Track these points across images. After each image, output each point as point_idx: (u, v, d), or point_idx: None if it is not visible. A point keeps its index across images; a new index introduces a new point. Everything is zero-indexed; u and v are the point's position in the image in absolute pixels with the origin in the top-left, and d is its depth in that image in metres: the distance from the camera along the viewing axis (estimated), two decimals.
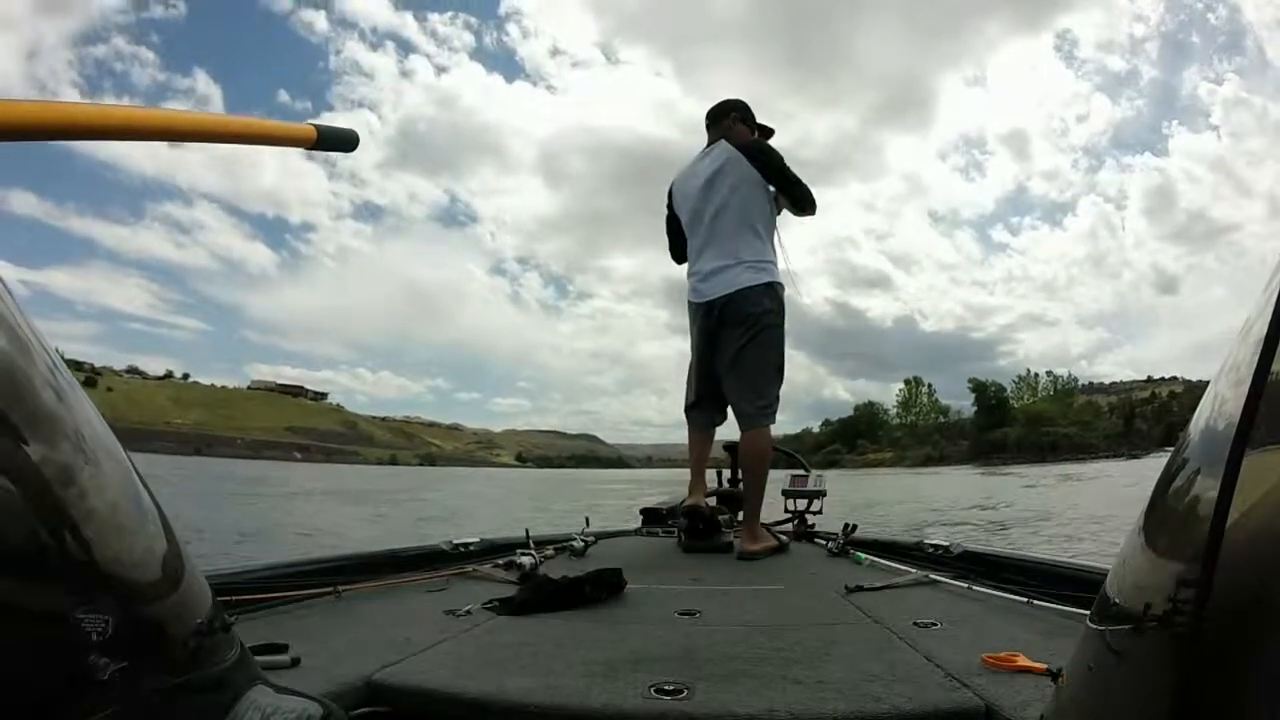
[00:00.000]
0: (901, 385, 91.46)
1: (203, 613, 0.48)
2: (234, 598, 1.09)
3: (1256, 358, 0.33)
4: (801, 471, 3.02)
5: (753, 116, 2.37)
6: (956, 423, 79.41)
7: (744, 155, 2.19)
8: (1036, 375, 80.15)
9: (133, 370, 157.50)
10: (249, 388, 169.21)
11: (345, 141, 0.83)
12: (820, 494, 2.89)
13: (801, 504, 2.88)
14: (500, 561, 1.70)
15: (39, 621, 0.34)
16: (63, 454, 0.37)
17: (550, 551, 2.00)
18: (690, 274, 2.34)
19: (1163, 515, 0.42)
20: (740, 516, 3.02)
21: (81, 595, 0.36)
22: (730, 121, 2.31)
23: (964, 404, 78.29)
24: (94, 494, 0.39)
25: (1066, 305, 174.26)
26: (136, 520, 0.44)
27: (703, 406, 2.36)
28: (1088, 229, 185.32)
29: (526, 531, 2.04)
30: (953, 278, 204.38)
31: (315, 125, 0.75)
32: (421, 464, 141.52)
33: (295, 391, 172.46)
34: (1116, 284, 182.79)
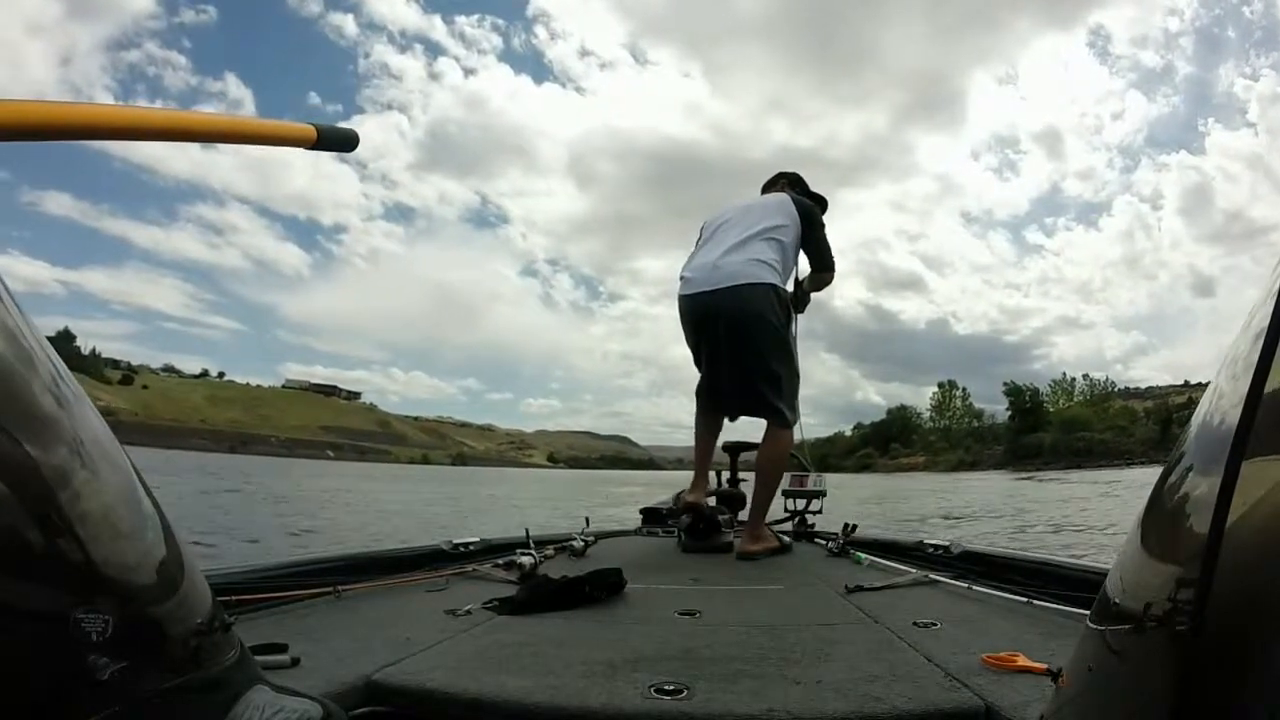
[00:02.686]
0: (935, 389, 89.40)
1: (203, 613, 0.48)
2: (234, 598, 1.09)
3: (1257, 352, 0.32)
4: (802, 471, 3.02)
5: (805, 185, 2.44)
6: (990, 427, 77.87)
7: (795, 204, 2.22)
8: (1073, 379, 78.44)
9: (169, 369, 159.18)
10: (283, 387, 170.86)
11: (345, 141, 0.83)
12: (820, 494, 2.90)
13: (801, 504, 2.89)
14: (500, 561, 1.70)
15: (39, 621, 0.34)
16: (62, 458, 0.37)
17: (550, 551, 2.00)
18: (686, 267, 2.22)
19: (1163, 514, 0.42)
20: (740, 516, 3.03)
21: (81, 595, 0.36)
22: (780, 188, 2.39)
23: (998, 408, 76.84)
24: (93, 497, 0.39)
25: (1102, 308, 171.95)
26: (136, 522, 0.44)
27: (711, 400, 2.29)
28: (1123, 230, 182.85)
29: (526, 531, 2.04)
30: (986, 279, 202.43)
31: (315, 125, 0.75)
32: (453, 464, 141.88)
33: (329, 391, 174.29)
34: (1152, 286, 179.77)
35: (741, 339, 2.08)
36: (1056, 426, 63.00)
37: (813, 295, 2.46)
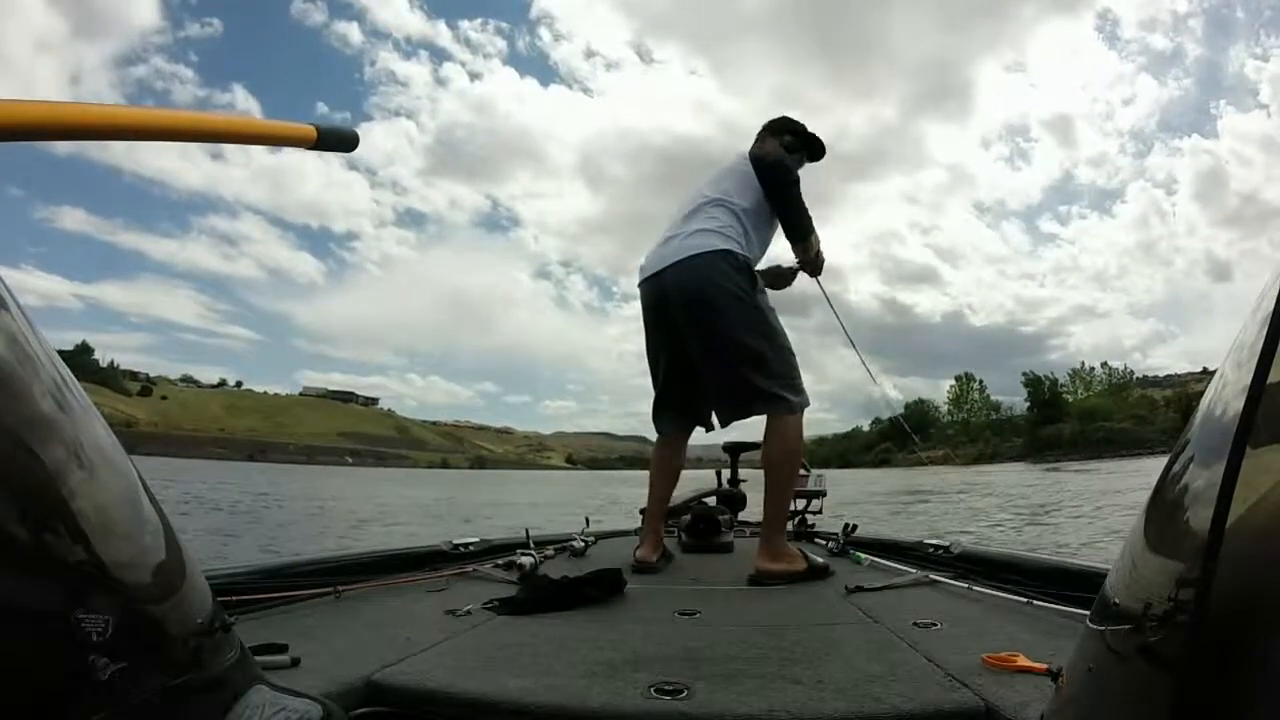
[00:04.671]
0: (952, 382, 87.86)
1: (203, 613, 0.48)
2: (234, 598, 1.09)
3: (1262, 339, 0.32)
4: (801, 471, 3.02)
5: (794, 126, 2.03)
6: (1009, 419, 76.99)
7: (752, 161, 1.89)
8: (1092, 369, 77.08)
9: (187, 379, 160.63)
10: (301, 394, 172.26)
11: (346, 141, 0.83)
12: (820, 494, 2.90)
13: (801, 504, 2.89)
14: (500, 561, 1.70)
15: (39, 621, 0.34)
16: (64, 462, 0.38)
17: (550, 551, 2.00)
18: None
19: (1164, 513, 0.41)
20: (741, 516, 3.01)
21: (82, 596, 0.36)
22: (760, 138, 2.03)
23: (1016, 399, 76.09)
24: (94, 499, 0.40)
25: (1118, 296, 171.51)
26: (137, 523, 0.44)
27: (666, 411, 1.93)
28: (1138, 216, 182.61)
29: (526, 531, 2.04)
30: (1001, 270, 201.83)
31: (316, 125, 0.75)
32: (472, 467, 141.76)
33: (346, 397, 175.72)
34: (1169, 272, 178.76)
35: (702, 319, 1.74)
36: (1076, 417, 62.30)
37: (823, 260, 2.03)
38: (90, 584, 0.37)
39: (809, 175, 2.02)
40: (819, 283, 2.14)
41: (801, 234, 1.91)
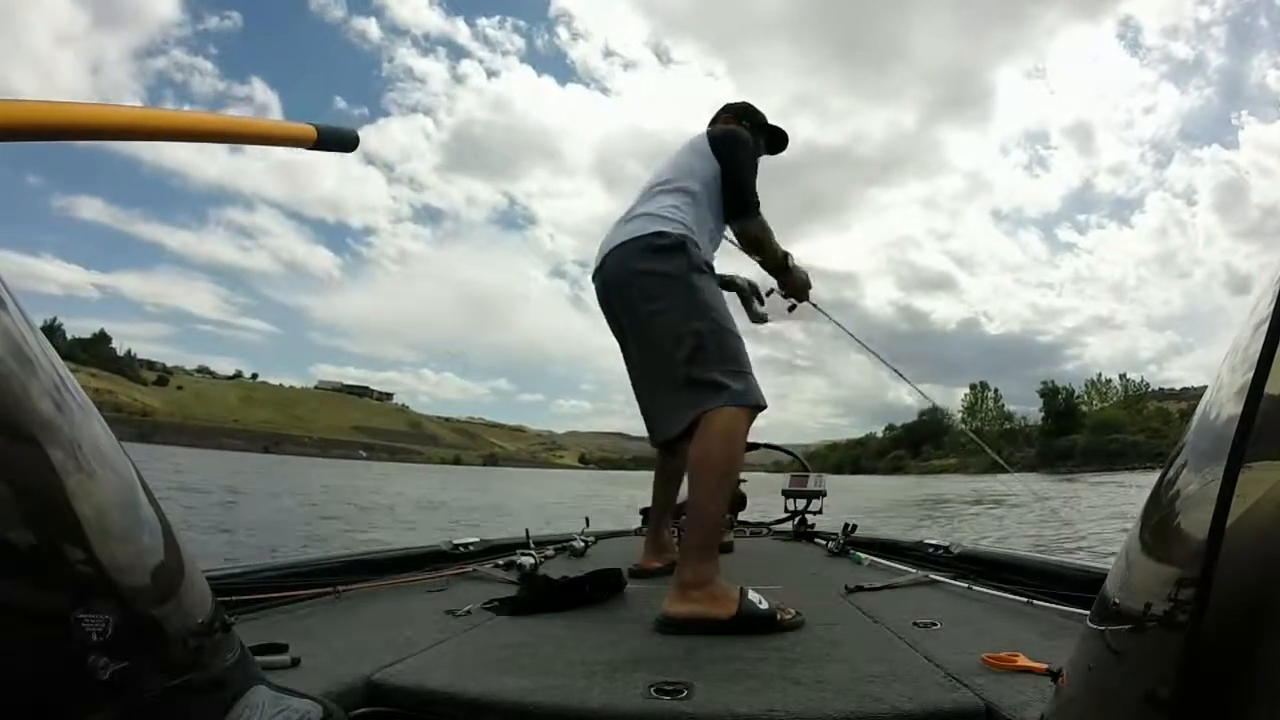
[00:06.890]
0: (967, 390, 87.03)
1: (203, 613, 0.49)
2: (234, 598, 1.09)
3: (1259, 342, 0.32)
4: (802, 471, 3.02)
5: (755, 115, 1.87)
6: (1021, 429, 76.82)
7: (709, 138, 1.67)
8: (1109, 380, 77.02)
9: (203, 370, 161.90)
10: (316, 388, 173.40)
11: (346, 142, 0.83)
12: (820, 494, 2.90)
13: (801, 504, 2.89)
14: (500, 561, 1.70)
15: (39, 622, 0.34)
16: (62, 462, 0.38)
17: (550, 551, 2.00)
18: None
19: (1163, 513, 0.41)
20: (741, 516, 2.99)
21: (82, 596, 0.36)
22: (722, 121, 1.85)
23: (1030, 409, 76.17)
24: (93, 499, 0.40)
25: (1136, 307, 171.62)
26: (136, 523, 0.44)
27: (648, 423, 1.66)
28: (1156, 226, 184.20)
29: (526, 531, 2.04)
30: (1018, 278, 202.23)
31: (316, 125, 0.75)
32: (485, 464, 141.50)
33: (361, 392, 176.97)
34: (1187, 284, 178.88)
35: (629, 307, 1.53)
36: (1090, 428, 62.10)
37: (798, 273, 1.75)
38: (90, 584, 0.37)
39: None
40: (817, 307, 1.85)
41: (740, 207, 1.63)
